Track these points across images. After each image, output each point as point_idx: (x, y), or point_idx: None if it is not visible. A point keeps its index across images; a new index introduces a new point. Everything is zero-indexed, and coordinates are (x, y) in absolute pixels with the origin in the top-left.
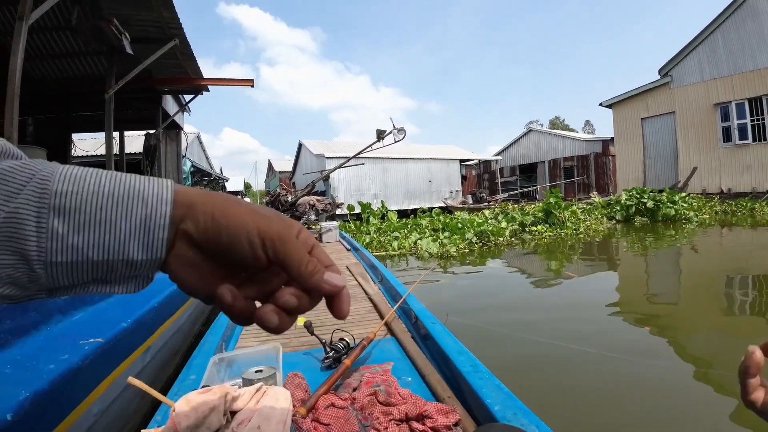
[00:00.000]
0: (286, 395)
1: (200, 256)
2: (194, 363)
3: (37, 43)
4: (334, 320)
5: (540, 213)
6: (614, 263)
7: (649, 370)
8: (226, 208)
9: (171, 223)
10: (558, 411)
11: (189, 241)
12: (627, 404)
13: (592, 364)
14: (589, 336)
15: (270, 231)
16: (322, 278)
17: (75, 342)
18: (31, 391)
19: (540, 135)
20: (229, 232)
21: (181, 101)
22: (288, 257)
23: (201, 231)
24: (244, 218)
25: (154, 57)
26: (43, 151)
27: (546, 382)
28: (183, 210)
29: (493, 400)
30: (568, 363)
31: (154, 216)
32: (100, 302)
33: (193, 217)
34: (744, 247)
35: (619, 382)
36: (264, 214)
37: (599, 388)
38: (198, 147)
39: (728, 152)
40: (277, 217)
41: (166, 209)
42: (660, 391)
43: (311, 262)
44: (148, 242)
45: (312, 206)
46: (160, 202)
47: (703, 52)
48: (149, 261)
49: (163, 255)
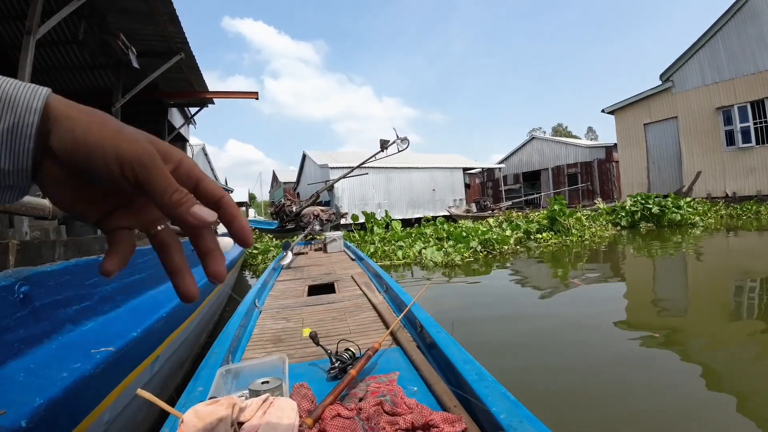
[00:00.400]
0: (293, 406)
1: (67, 174)
2: (201, 374)
3: (44, 56)
4: (338, 331)
5: (545, 220)
6: (621, 270)
7: (660, 380)
8: (88, 127)
9: (37, 134)
10: (566, 420)
11: (54, 157)
12: (637, 414)
13: (601, 374)
14: (597, 345)
15: (131, 154)
16: (188, 210)
17: (86, 351)
18: (45, 398)
19: (543, 142)
20: (87, 152)
21: (187, 114)
22: (150, 184)
23: (62, 149)
24: (104, 139)
25: (161, 71)
26: None
27: (554, 391)
28: (50, 124)
29: (500, 408)
30: (575, 372)
31: (20, 124)
32: (110, 312)
33: (57, 133)
34: (753, 251)
35: (628, 390)
36: (129, 135)
37: (608, 396)
38: (203, 159)
39: (732, 156)
40: (144, 140)
41: (33, 119)
42: (673, 403)
43: (178, 191)
44: (13, 151)
45: (316, 216)
46: (28, 111)
47: (704, 56)
48: (16, 171)
49: (28, 166)
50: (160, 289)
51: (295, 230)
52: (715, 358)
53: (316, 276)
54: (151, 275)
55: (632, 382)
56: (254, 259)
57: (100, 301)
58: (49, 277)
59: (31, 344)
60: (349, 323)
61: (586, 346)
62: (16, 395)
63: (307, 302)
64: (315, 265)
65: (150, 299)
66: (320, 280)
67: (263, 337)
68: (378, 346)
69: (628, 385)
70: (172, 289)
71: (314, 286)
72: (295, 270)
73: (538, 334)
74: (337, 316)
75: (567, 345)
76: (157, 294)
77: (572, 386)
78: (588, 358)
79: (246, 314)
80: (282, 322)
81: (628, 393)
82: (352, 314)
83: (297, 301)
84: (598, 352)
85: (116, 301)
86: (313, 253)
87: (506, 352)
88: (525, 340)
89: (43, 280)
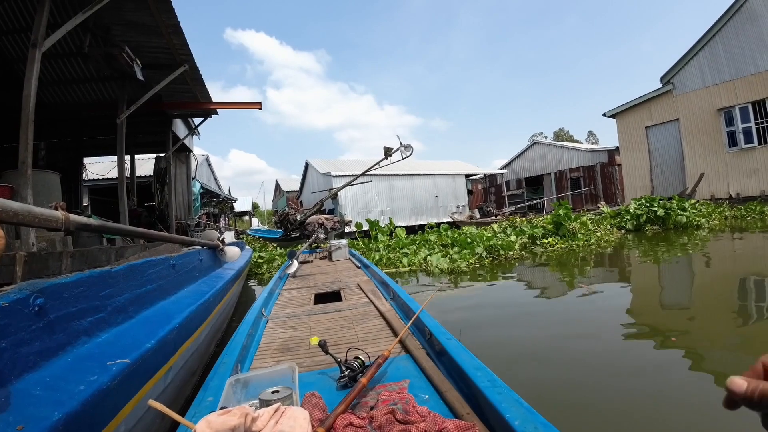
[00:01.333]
0: (305, 415)
1: None
2: (211, 384)
3: (49, 69)
4: (347, 339)
5: (550, 225)
6: (629, 274)
7: (673, 385)
8: None
9: None
10: (580, 426)
11: None
12: (651, 417)
13: (613, 378)
14: (610, 350)
15: None
16: None
17: (102, 363)
18: (63, 412)
19: (545, 147)
20: None
21: (191, 125)
22: None
23: None
24: None
25: (165, 82)
26: (57, 175)
27: (567, 397)
28: None
29: (513, 415)
30: (587, 377)
31: None
32: (123, 323)
33: None
34: (759, 251)
35: (640, 395)
36: None
37: (621, 401)
38: (207, 169)
39: (735, 157)
40: None
41: None
42: (687, 408)
43: None
44: None
45: (321, 225)
46: None
47: (704, 58)
48: None
49: None
50: (171, 300)
51: (300, 238)
52: (731, 362)
53: (322, 284)
54: (162, 286)
55: (645, 389)
56: (260, 269)
57: (113, 312)
58: (64, 289)
59: (47, 357)
60: (357, 331)
61: (599, 351)
62: (34, 410)
63: (313, 310)
64: (320, 273)
65: (162, 310)
66: (326, 288)
67: (271, 346)
68: (388, 354)
69: (643, 391)
70: (183, 299)
71: (320, 294)
72: (301, 278)
73: (547, 339)
74: (344, 324)
75: (580, 351)
76: (168, 304)
77: (588, 393)
78: (600, 364)
79: (253, 323)
80: (289, 330)
81: (641, 398)
82: (360, 322)
83: (303, 309)
84: (612, 358)
85: (129, 312)
86: (318, 261)
87: (516, 359)
88: (534, 345)
89: (57, 292)
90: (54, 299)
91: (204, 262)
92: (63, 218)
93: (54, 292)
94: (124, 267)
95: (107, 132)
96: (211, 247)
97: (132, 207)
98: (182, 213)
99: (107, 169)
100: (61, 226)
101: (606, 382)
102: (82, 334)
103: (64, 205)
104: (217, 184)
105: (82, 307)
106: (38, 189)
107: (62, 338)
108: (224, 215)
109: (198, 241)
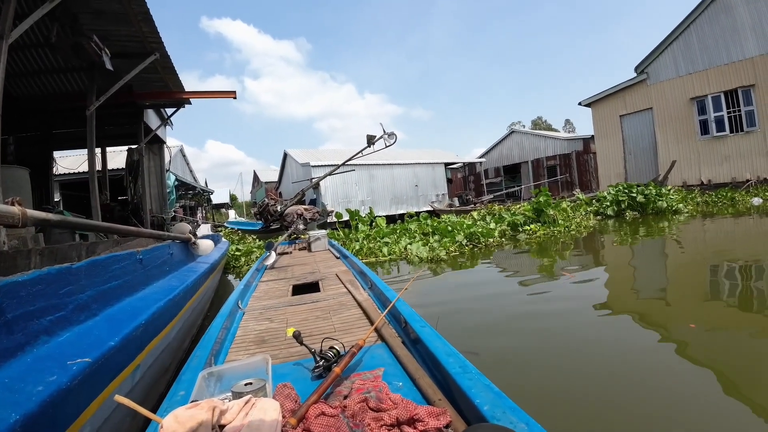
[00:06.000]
0: (275, 406)
1: None
2: (183, 379)
3: (17, 60)
4: (323, 329)
5: (530, 212)
6: (611, 257)
7: (648, 368)
8: None
9: None
10: (554, 412)
11: None
12: (627, 405)
13: (593, 364)
14: (590, 335)
15: None
16: None
17: (62, 363)
18: (21, 413)
19: (522, 136)
20: None
21: (163, 115)
22: None
23: None
24: None
25: (135, 72)
26: (26, 171)
27: (543, 382)
28: None
29: (483, 400)
30: (564, 361)
31: None
32: (86, 321)
33: None
34: (731, 236)
35: (616, 379)
36: None
37: (597, 388)
38: (182, 160)
39: (706, 144)
40: None
41: None
42: (664, 393)
43: None
44: None
45: (300, 215)
46: None
47: (677, 48)
48: None
49: None
50: (138, 296)
51: (281, 230)
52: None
53: (300, 275)
54: (128, 282)
55: (623, 369)
56: (237, 261)
57: (75, 310)
58: (21, 288)
59: (4, 358)
60: (334, 321)
61: (579, 336)
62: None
63: (291, 302)
64: (299, 264)
65: (128, 306)
66: (304, 279)
67: (246, 338)
68: (362, 343)
69: (618, 372)
70: (152, 295)
71: (298, 286)
72: (279, 270)
73: (526, 325)
74: (321, 314)
75: (556, 334)
76: (135, 301)
77: (564, 378)
78: (579, 348)
79: (229, 316)
80: (265, 322)
81: (618, 382)
82: (337, 312)
83: (281, 301)
84: (591, 342)
85: (92, 309)
86: (297, 253)
87: (495, 345)
88: (513, 331)
89: (14, 290)
90: (11, 298)
91: (175, 256)
92: (20, 213)
93: (10, 291)
94: (86, 263)
95: (78, 124)
96: (183, 241)
97: (104, 201)
98: (157, 206)
99: (78, 162)
100: (18, 222)
101: (585, 366)
102: (42, 333)
103: (21, 201)
104: (192, 176)
105: (41, 305)
106: (7, 185)
107: (20, 338)
108: (201, 208)
109: (168, 234)
